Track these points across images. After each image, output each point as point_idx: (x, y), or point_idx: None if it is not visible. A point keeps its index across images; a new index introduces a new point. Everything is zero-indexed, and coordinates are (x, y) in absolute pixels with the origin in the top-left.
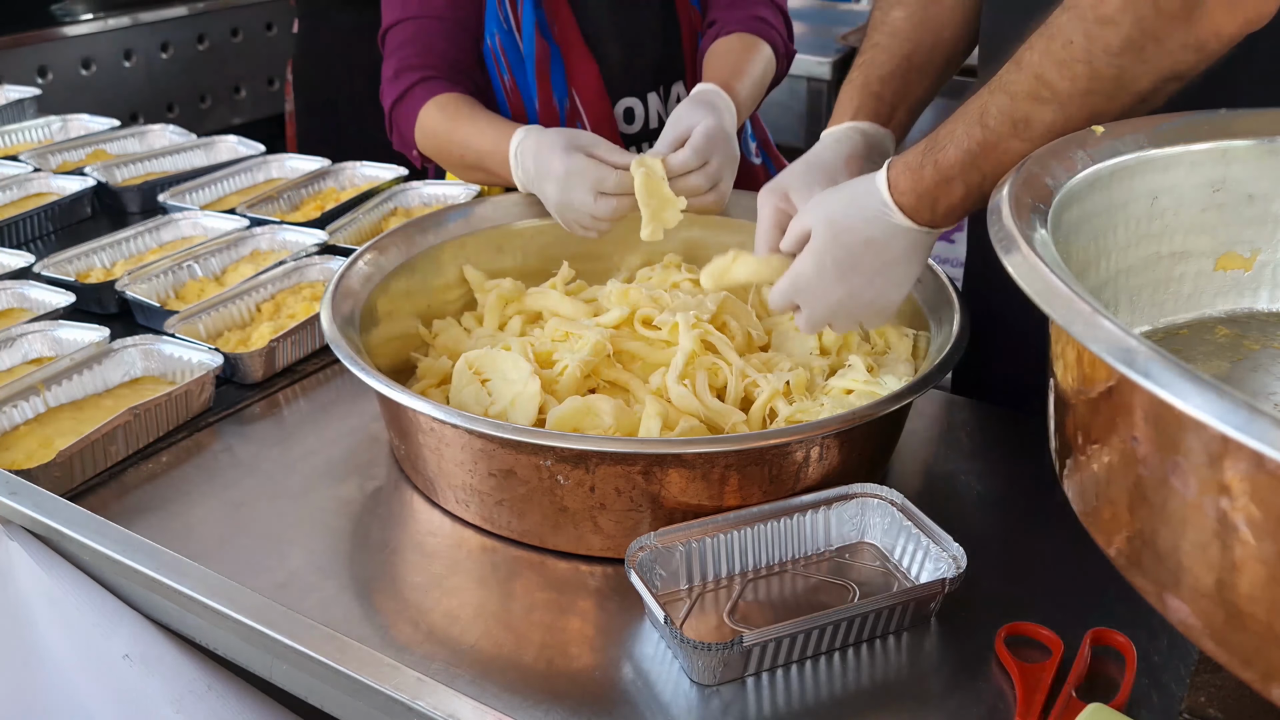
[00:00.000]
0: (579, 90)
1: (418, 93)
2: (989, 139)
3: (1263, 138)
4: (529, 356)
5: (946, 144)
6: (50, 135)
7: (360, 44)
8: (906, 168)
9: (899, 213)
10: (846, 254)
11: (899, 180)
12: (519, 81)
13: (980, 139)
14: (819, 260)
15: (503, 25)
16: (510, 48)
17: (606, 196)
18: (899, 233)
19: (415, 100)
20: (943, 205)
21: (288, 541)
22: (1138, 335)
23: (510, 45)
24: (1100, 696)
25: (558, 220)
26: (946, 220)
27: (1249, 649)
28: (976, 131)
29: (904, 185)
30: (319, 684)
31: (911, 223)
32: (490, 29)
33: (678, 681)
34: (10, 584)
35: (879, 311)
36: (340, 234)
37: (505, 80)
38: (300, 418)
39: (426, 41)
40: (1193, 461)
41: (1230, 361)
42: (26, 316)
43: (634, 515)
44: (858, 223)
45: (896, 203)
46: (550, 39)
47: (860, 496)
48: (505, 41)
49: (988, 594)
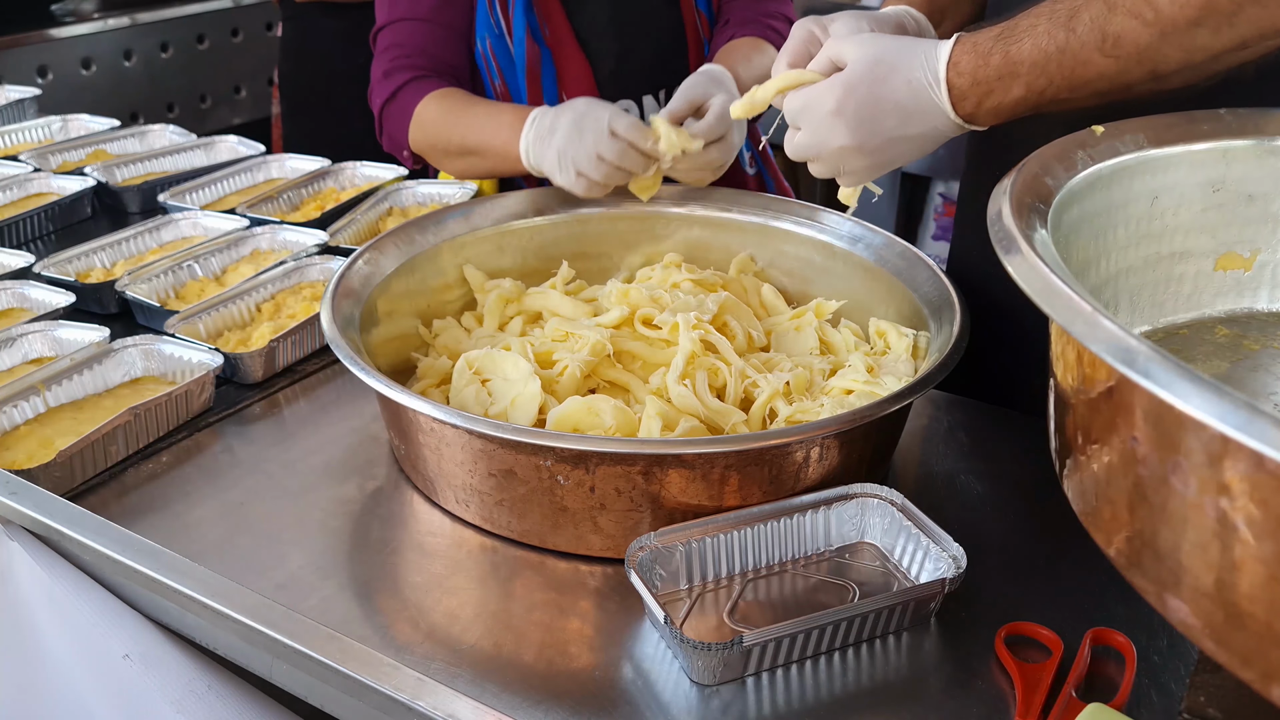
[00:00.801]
0: (569, 94)
1: (410, 90)
2: (1072, 45)
3: (1263, 138)
4: (529, 356)
5: (1024, 37)
6: (50, 135)
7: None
8: (974, 48)
9: (945, 93)
10: (873, 106)
11: (961, 58)
12: (509, 85)
13: (1062, 42)
14: (841, 100)
15: (493, 29)
16: (501, 51)
17: (616, 139)
18: (932, 113)
19: (408, 98)
20: (993, 101)
21: (288, 541)
22: (1138, 335)
23: (501, 49)
24: (1100, 696)
25: (559, 179)
26: (985, 119)
27: (1249, 649)
28: (1060, 34)
29: (965, 65)
30: (319, 684)
31: (950, 109)
32: (481, 33)
33: (678, 681)
34: (10, 584)
35: (864, 171)
36: (340, 234)
37: (496, 84)
38: (300, 418)
39: (416, 43)
40: (1193, 461)
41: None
42: (26, 316)
43: (634, 515)
44: (900, 83)
45: (949, 81)
46: (541, 42)
47: (860, 496)
48: (496, 45)
49: (988, 594)
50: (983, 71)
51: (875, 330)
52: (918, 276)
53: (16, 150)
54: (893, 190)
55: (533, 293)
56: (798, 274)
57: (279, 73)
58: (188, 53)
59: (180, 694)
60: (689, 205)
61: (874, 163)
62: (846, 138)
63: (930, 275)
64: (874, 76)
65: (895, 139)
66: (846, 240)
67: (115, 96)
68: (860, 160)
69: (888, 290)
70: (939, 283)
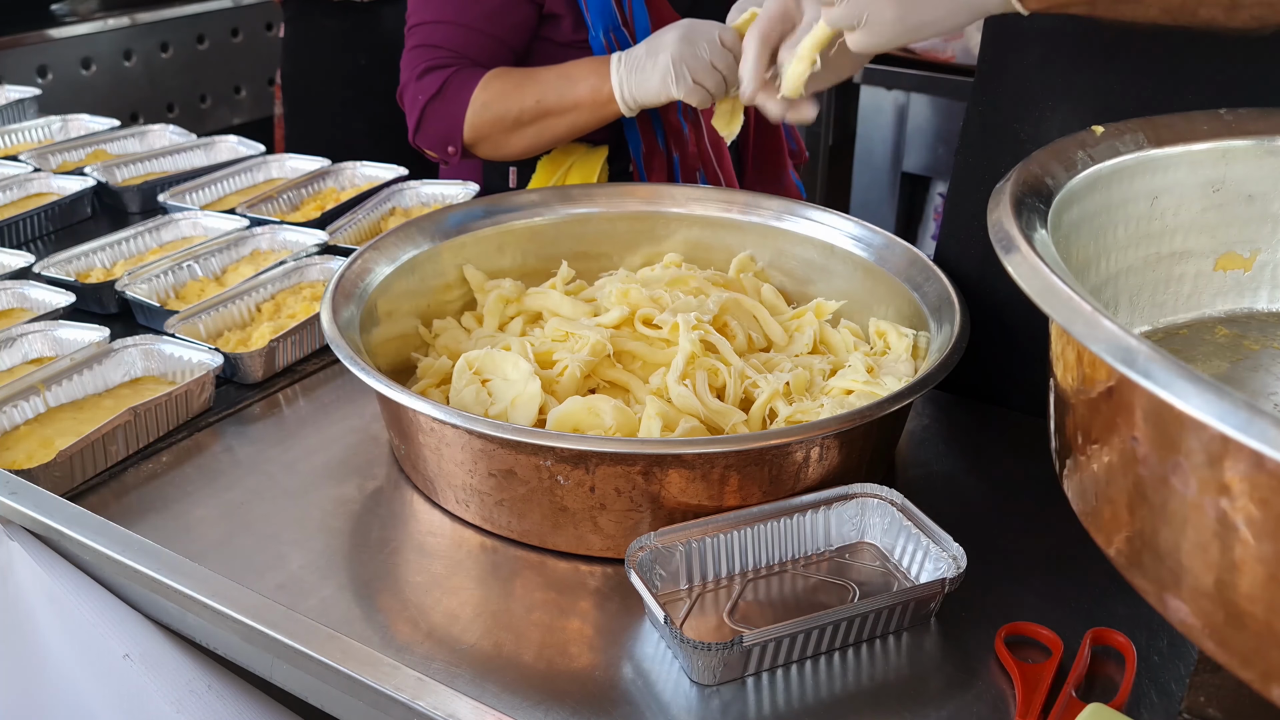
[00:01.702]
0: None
1: (460, 79)
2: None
3: (1263, 138)
4: (529, 357)
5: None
6: (50, 135)
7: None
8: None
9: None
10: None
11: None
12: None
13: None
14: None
15: (614, 21)
16: (625, 44)
17: (725, 49)
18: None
19: (460, 85)
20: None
21: (288, 541)
22: (1138, 335)
23: (624, 41)
24: (1100, 696)
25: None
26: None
27: (1249, 649)
28: None
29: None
30: (319, 684)
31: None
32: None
33: (678, 681)
34: (10, 584)
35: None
36: (340, 234)
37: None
38: (300, 418)
39: (455, 46)
40: (1193, 461)
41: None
42: (26, 316)
43: (634, 515)
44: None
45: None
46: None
47: (860, 496)
48: (620, 38)
49: (988, 594)
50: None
51: (875, 330)
52: (918, 276)
53: (16, 150)
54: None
55: (533, 293)
56: (798, 274)
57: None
58: (188, 53)
59: (180, 694)
60: (689, 205)
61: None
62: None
63: (930, 275)
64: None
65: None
66: (847, 240)
67: (115, 96)
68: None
69: (888, 290)
70: (939, 283)
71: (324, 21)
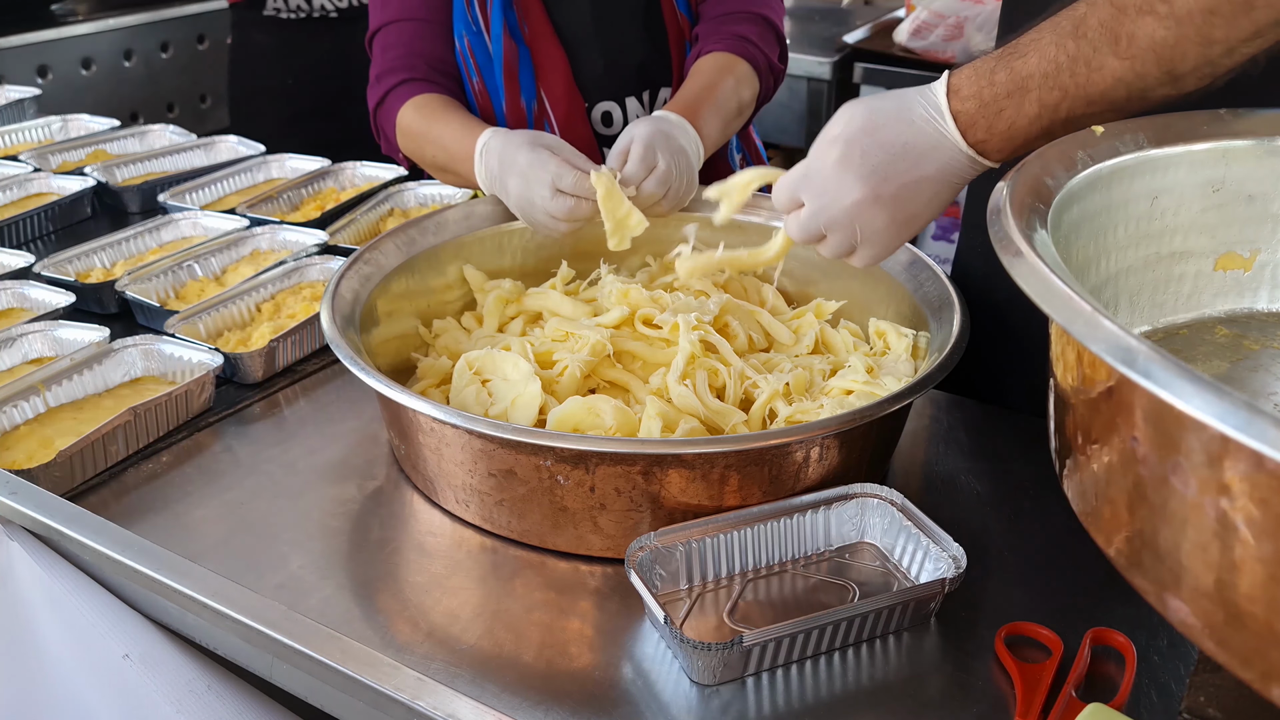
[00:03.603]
0: (548, 92)
1: (397, 95)
2: (1083, 51)
3: (1263, 138)
4: (529, 357)
5: (1028, 51)
6: (50, 135)
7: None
8: (974, 72)
9: (951, 123)
10: (880, 151)
11: (962, 85)
12: (487, 83)
13: (1073, 51)
14: (845, 151)
15: (471, 27)
16: (479, 49)
17: (563, 195)
18: (942, 146)
19: (394, 103)
20: (1004, 122)
21: (288, 541)
22: (1138, 335)
23: (479, 46)
24: (1100, 696)
25: (520, 219)
26: (1001, 146)
27: (1249, 649)
28: (1069, 43)
29: (967, 90)
30: (319, 684)
31: (960, 139)
32: (459, 30)
33: (678, 681)
34: (10, 584)
35: (885, 231)
36: (340, 234)
37: (474, 82)
38: (300, 418)
39: (408, 44)
40: (1193, 461)
41: (1230, 361)
42: (26, 316)
43: (634, 515)
44: (901, 125)
45: (953, 110)
46: (520, 40)
47: (860, 496)
48: (474, 43)
49: (988, 594)
50: (989, 92)
51: (875, 330)
52: (918, 276)
53: (16, 150)
54: None
55: (533, 293)
56: (798, 274)
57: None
58: (188, 53)
59: (180, 694)
60: (689, 205)
61: (894, 217)
62: (858, 188)
63: (930, 275)
64: (871, 125)
65: (911, 182)
66: None
67: (115, 96)
68: (879, 216)
69: (888, 290)
70: (939, 283)
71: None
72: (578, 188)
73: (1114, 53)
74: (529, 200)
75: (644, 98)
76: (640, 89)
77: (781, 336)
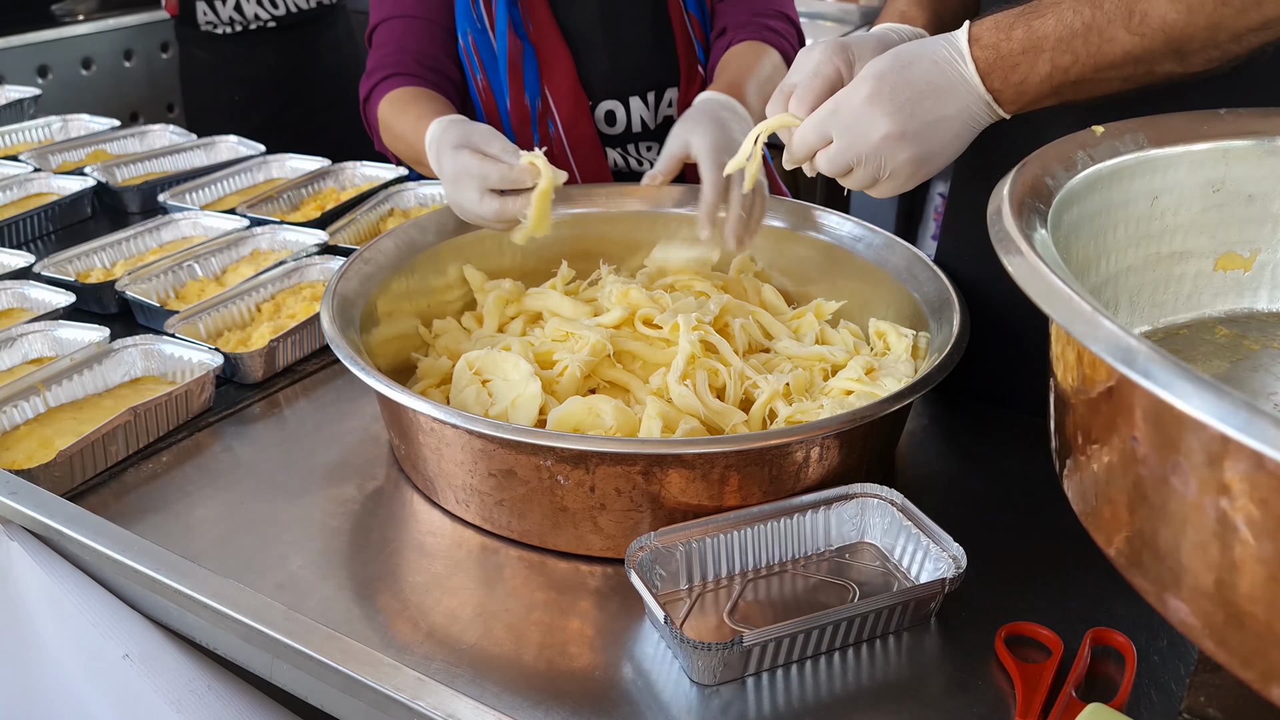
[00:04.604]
0: (552, 90)
1: (380, 90)
2: (1098, 21)
3: (1263, 138)
4: (529, 357)
5: (1047, 13)
6: (50, 135)
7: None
8: (995, 24)
9: (972, 67)
10: (907, 88)
11: (982, 34)
12: (491, 81)
13: (1089, 19)
14: (874, 87)
15: (475, 24)
16: (483, 46)
17: (492, 195)
18: (962, 88)
19: (375, 98)
20: (1018, 76)
21: (288, 541)
22: (1138, 335)
23: (484, 44)
24: (1100, 696)
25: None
26: (1014, 98)
27: (1249, 649)
28: (1086, 10)
29: (987, 39)
30: (319, 684)
31: (980, 84)
32: (463, 28)
33: (678, 681)
34: (10, 584)
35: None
36: (340, 234)
37: (478, 80)
38: (300, 418)
39: (398, 41)
40: (1193, 461)
41: (1230, 361)
42: (26, 316)
43: (634, 515)
44: (926, 64)
45: (974, 55)
46: (525, 37)
47: (860, 496)
48: (479, 40)
49: (988, 594)
50: (1006, 45)
51: (875, 331)
52: (918, 276)
53: (16, 150)
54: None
55: (533, 293)
56: (798, 274)
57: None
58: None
59: (180, 694)
60: (689, 205)
61: (917, 153)
62: (887, 123)
63: (930, 275)
64: (899, 63)
65: (935, 121)
66: (846, 240)
67: (115, 96)
68: (904, 150)
69: (888, 290)
70: (939, 283)
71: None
72: (505, 182)
73: (1126, 27)
74: (460, 207)
75: (649, 98)
76: (646, 89)
77: (781, 336)
